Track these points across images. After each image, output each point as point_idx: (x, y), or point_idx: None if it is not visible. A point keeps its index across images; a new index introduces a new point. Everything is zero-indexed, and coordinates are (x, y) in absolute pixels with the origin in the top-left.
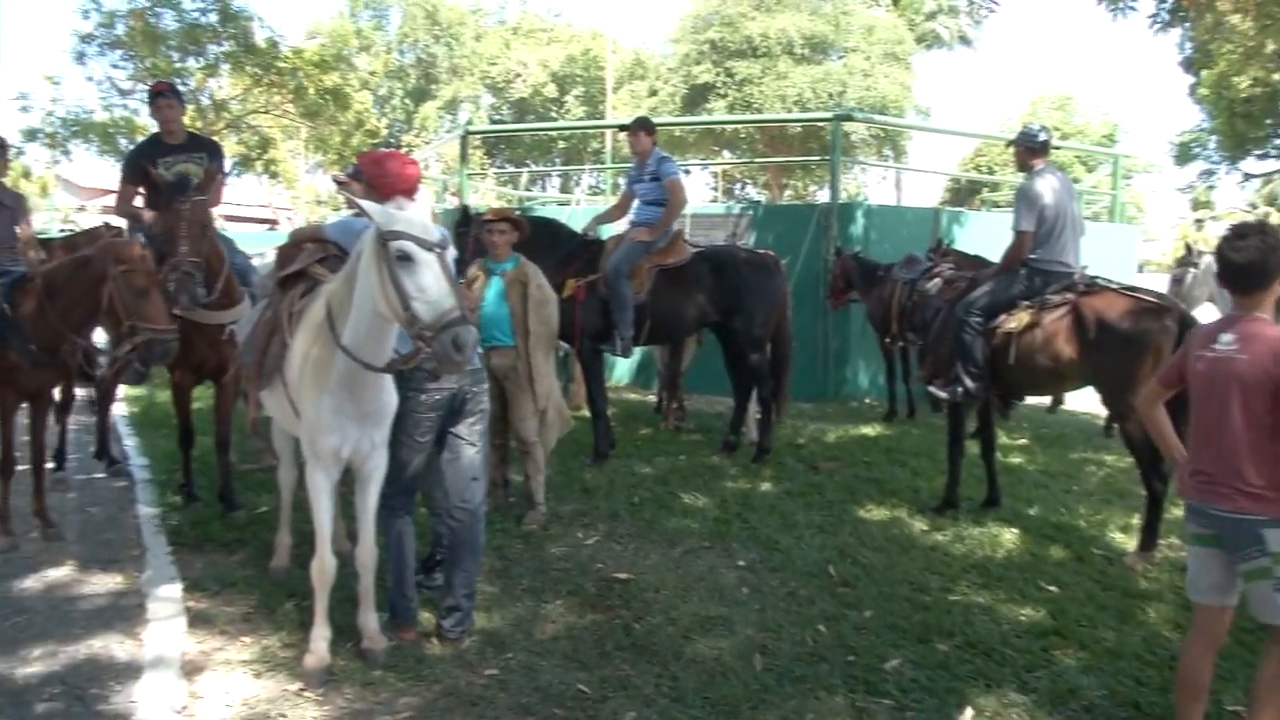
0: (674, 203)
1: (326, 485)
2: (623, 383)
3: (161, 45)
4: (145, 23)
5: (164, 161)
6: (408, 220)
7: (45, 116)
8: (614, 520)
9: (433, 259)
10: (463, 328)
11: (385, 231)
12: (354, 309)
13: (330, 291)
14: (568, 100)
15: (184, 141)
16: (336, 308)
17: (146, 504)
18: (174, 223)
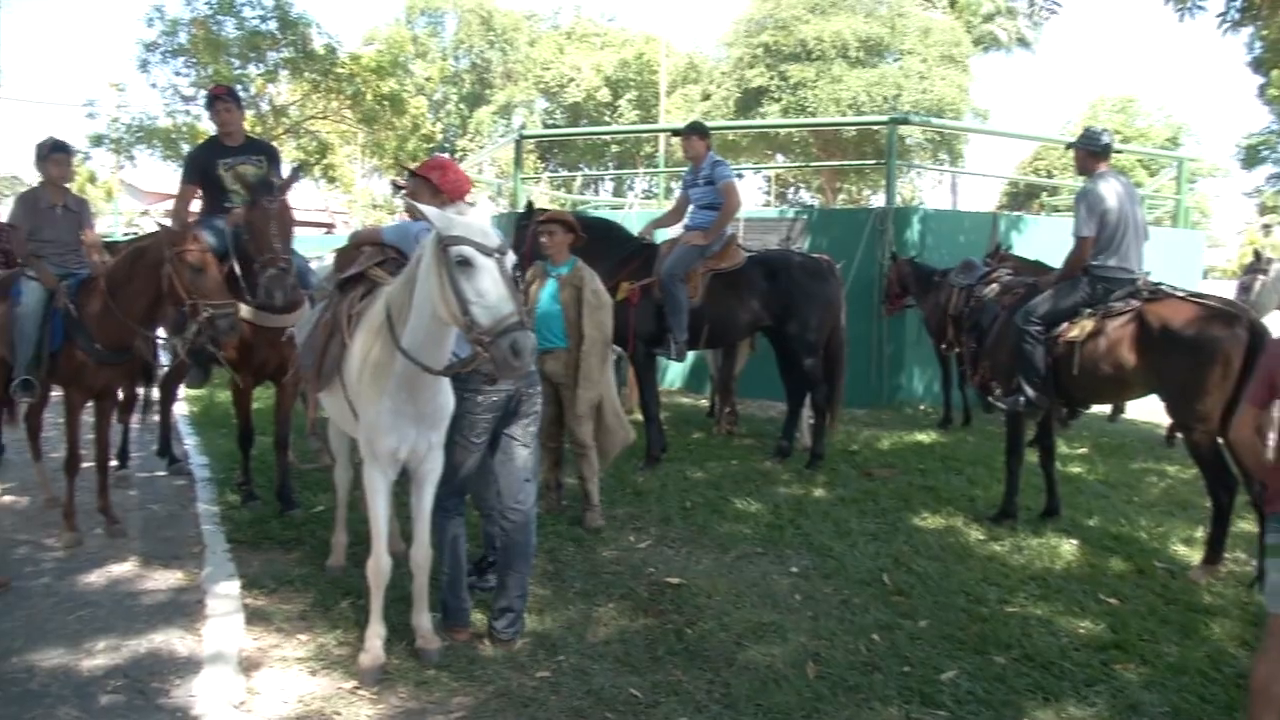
0: (728, 206)
1: (384, 486)
2: (674, 386)
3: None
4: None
5: (223, 163)
6: (467, 225)
7: (111, 123)
8: (666, 524)
9: (492, 264)
10: (521, 333)
11: (445, 236)
12: (413, 312)
13: (390, 294)
14: (621, 104)
15: (242, 144)
16: (396, 311)
17: (206, 502)
18: (264, 221)
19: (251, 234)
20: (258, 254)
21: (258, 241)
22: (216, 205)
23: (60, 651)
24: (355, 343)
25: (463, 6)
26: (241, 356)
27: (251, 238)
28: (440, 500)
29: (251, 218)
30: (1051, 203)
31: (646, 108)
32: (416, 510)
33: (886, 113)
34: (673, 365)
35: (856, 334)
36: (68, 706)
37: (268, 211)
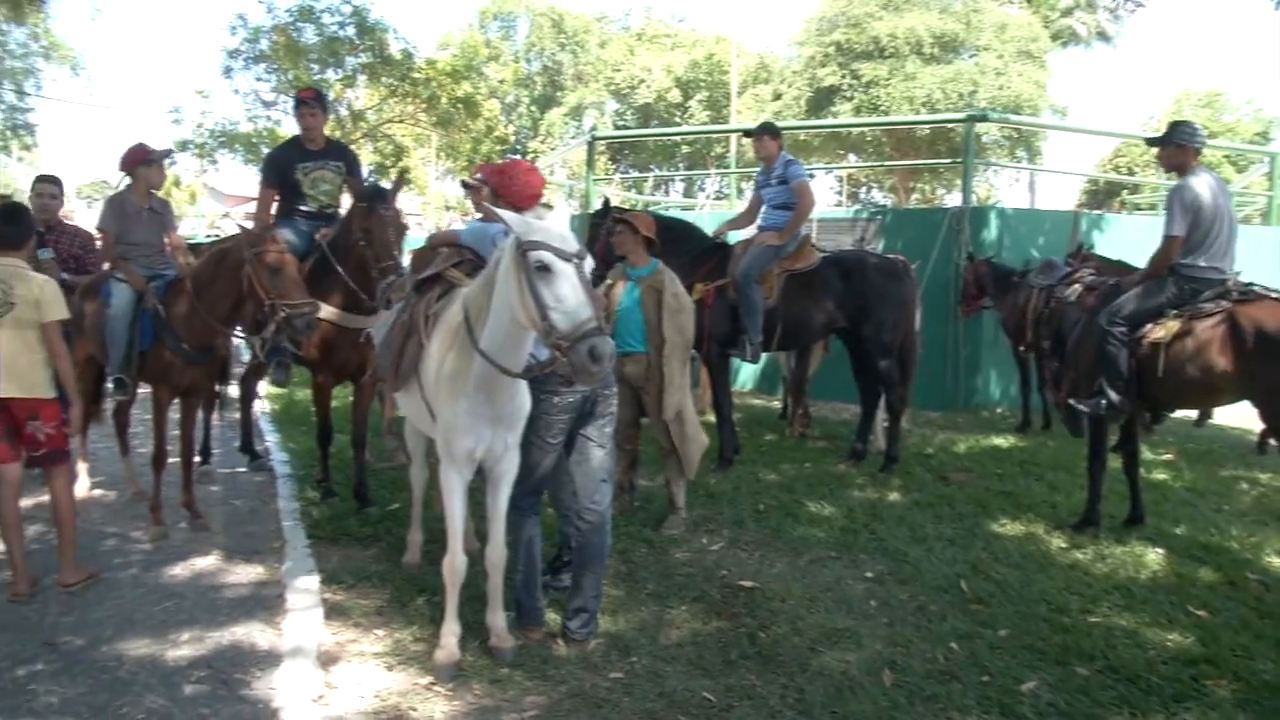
0: (802, 205)
1: (460, 485)
2: (746, 388)
3: (302, 58)
4: (288, 37)
5: (302, 167)
6: (546, 230)
7: (195, 128)
8: (739, 527)
9: (570, 269)
10: (599, 339)
11: (524, 241)
12: (492, 315)
13: (468, 296)
14: (691, 105)
15: (323, 148)
16: (474, 313)
17: (286, 498)
18: (383, 228)
19: (370, 240)
20: (377, 260)
21: (378, 248)
22: (292, 207)
23: (147, 641)
24: (432, 344)
25: (534, 10)
26: (322, 356)
27: (370, 244)
28: (515, 500)
29: (369, 225)
30: (1133, 201)
31: (717, 108)
32: (492, 510)
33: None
34: (745, 366)
35: (932, 336)
36: (154, 695)
37: (384, 219)
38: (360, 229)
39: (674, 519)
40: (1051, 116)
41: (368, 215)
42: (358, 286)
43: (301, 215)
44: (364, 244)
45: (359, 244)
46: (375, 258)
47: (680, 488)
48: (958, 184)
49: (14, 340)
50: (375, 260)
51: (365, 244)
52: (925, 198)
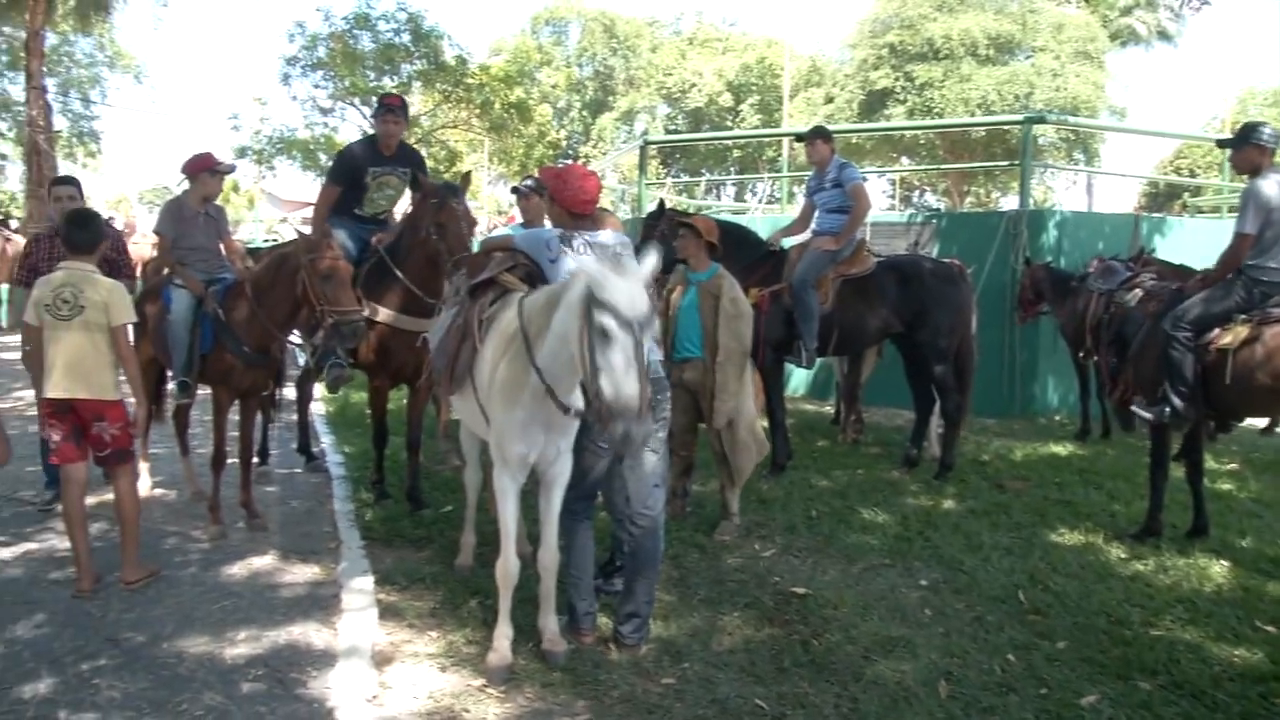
0: (858, 208)
1: (512, 489)
2: (799, 393)
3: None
4: (345, 45)
5: (373, 170)
6: (616, 289)
7: (254, 135)
8: (791, 533)
9: (629, 341)
10: (636, 425)
11: (595, 297)
12: (551, 338)
13: (529, 309)
14: (743, 109)
15: (395, 155)
16: (533, 329)
17: (341, 499)
18: (455, 221)
19: (444, 234)
20: (451, 253)
21: (451, 241)
22: (349, 209)
23: (206, 639)
24: (486, 348)
25: (586, 15)
26: (379, 359)
27: (444, 237)
28: (568, 504)
29: (442, 219)
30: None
31: (768, 112)
32: (545, 514)
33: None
34: (797, 371)
35: (988, 341)
36: (213, 692)
37: (457, 212)
38: (433, 223)
39: (727, 524)
40: (1110, 118)
41: (440, 210)
42: (421, 285)
43: (355, 219)
44: (437, 238)
45: (431, 238)
46: (449, 250)
47: (734, 494)
48: (1013, 187)
49: (84, 343)
50: (449, 253)
51: (438, 238)
52: (979, 201)
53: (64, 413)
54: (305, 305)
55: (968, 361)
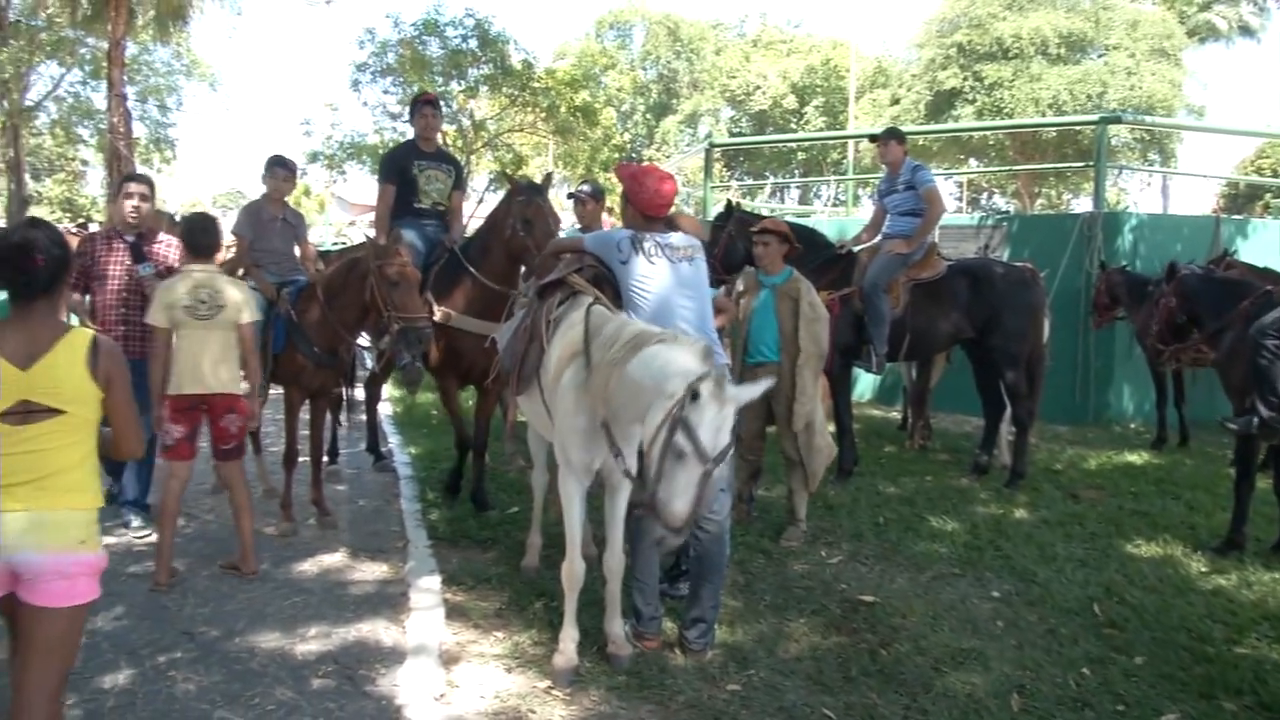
0: (931, 212)
1: (578, 493)
2: (865, 398)
3: (427, 71)
4: (414, 50)
5: (418, 164)
6: (706, 419)
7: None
8: (858, 540)
9: (699, 472)
10: (673, 537)
11: (683, 418)
12: (625, 386)
13: (602, 330)
14: (807, 111)
15: (434, 152)
16: (603, 357)
17: (409, 499)
18: (543, 217)
19: (532, 230)
20: (540, 249)
21: (539, 237)
22: (408, 204)
23: (277, 635)
24: (553, 350)
25: (650, 18)
26: (448, 360)
27: (531, 234)
28: (635, 508)
29: (530, 214)
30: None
31: (833, 114)
32: (610, 517)
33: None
34: (862, 376)
35: (1061, 347)
36: (284, 688)
37: (544, 209)
38: (521, 219)
39: (793, 530)
40: (1187, 117)
41: (528, 206)
42: (499, 282)
43: (416, 213)
44: (524, 234)
45: (519, 234)
46: (537, 246)
47: (802, 499)
48: (1085, 188)
49: (223, 340)
50: (537, 248)
51: (526, 234)
52: (1050, 203)
53: (191, 409)
54: (373, 310)
55: (1039, 367)
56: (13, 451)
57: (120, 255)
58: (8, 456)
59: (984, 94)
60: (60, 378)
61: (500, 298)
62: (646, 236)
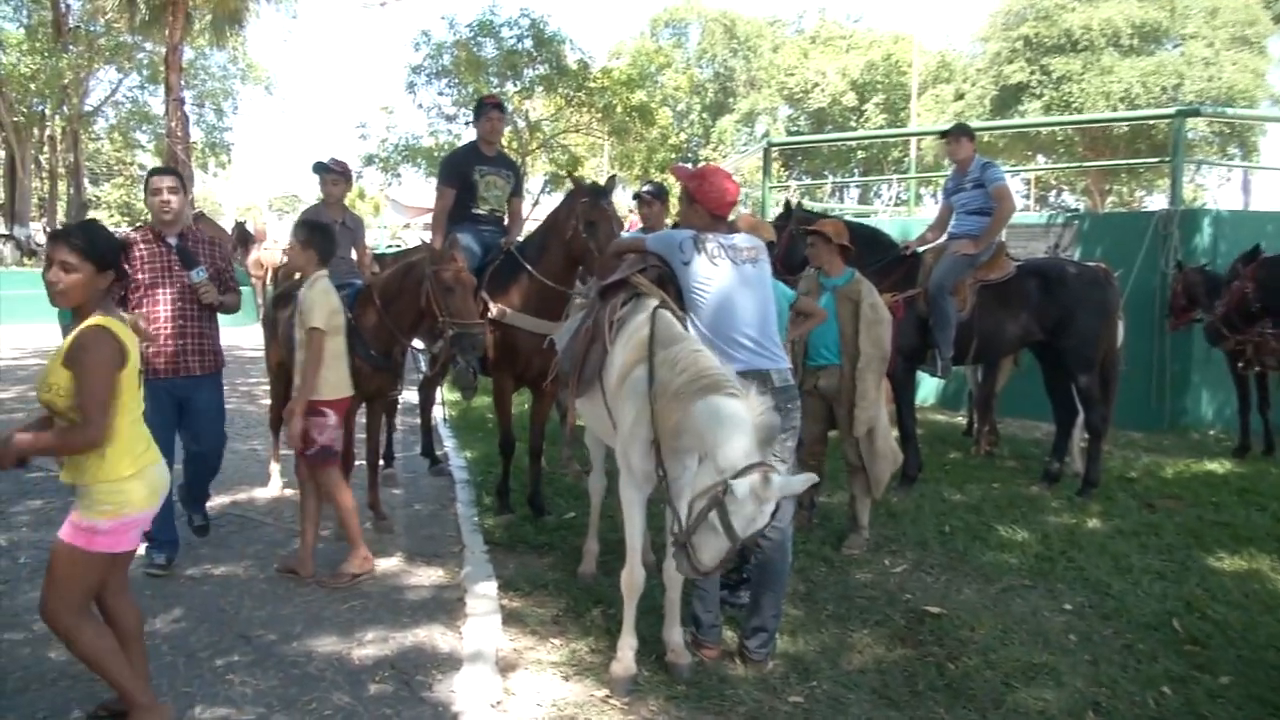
0: (1001, 211)
1: (639, 498)
2: (928, 402)
3: (483, 72)
4: (469, 52)
5: (479, 169)
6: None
7: (380, 143)
8: (923, 549)
9: (726, 544)
10: (693, 575)
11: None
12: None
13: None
14: (867, 108)
15: (495, 156)
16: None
17: (464, 503)
18: (606, 220)
19: (595, 232)
20: (603, 250)
21: (602, 239)
22: (466, 209)
23: (333, 640)
24: (616, 351)
25: (706, 16)
26: (505, 360)
27: (595, 235)
28: None
29: (595, 216)
30: None
31: (894, 111)
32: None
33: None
34: (926, 380)
35: (1135, 350)
36: (340, 692)
37: (608, 211)
38: (584, 221)
39: (855, 538)
40: (1271, 108)
41: (592, 208)
42: (557, 279)
43: (474, 219)
44: (587, 235)
45: (581, 236)
46: (599, 248)
47: (865, 506)
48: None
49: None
50: (599, 250)
51: (588, 235)
52: (1122, 200)
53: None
54: (428, 314)
55: (1112, 371)
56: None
57: (165, 260)
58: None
59: (1052, 88)
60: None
61: (558, 297)
62: (709, 237)
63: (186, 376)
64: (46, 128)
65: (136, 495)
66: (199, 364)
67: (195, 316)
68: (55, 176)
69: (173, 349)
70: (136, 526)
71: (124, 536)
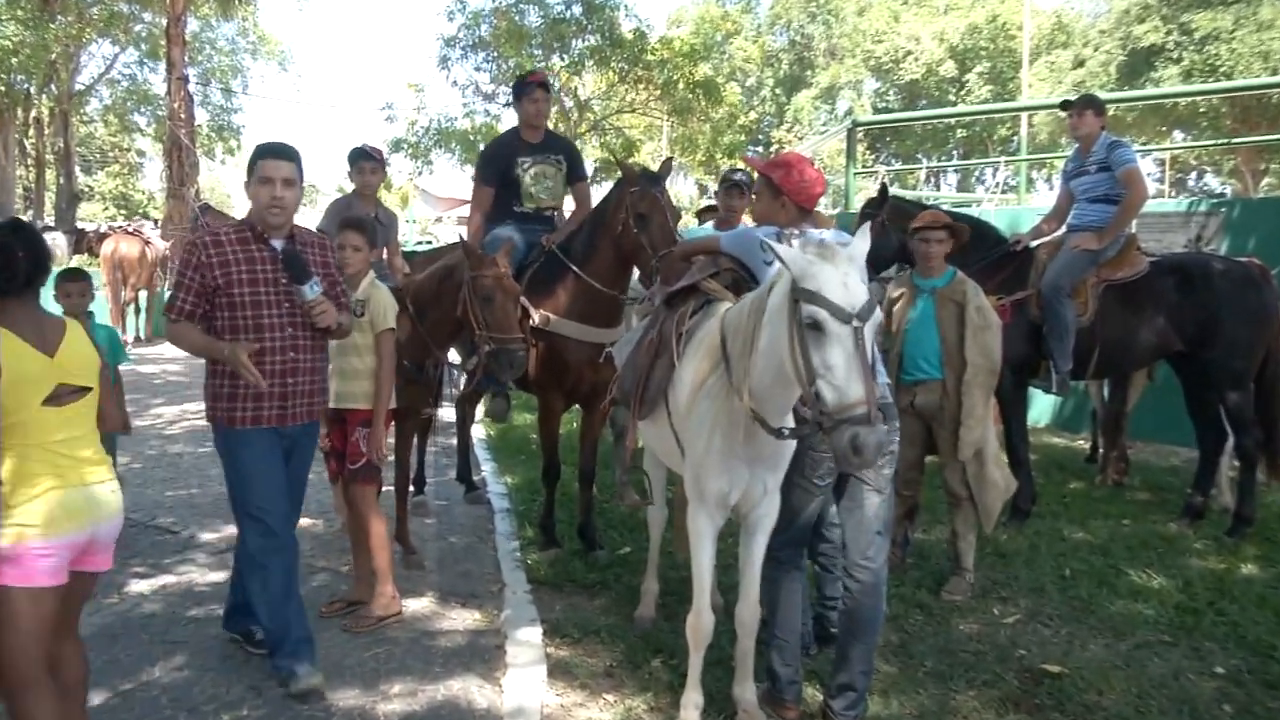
0: (1131, 198)
1: (709, 531)
2: (1041, 422)
3: (525, 44)
4: (509, 21)
5: (521, 162)
6: (826, 279)
7: (409, 126)
8: (1038, 596)
9: (847, 333)
10: (865, 429)
11: (799, 288)
12: (759, 354)
13: (729, 323)
14: (969, 79)
15: (542, 141)
16: (736, 347)
17: (504, 536)
18: (660, 212)
19: (647, 226)
20: (654, 248)
21: (655, 234)
22: (508, 208)
23: (356, 693)
24: (685, 366)
25: None
26: (550, 374)
27: (646, 230)
28: (773, 551)
29: (646, 209)
30: None
31: (1001, 82)
32: (745, 561)
33: None
34: (1039, 397)
35: None
36: None
37: (660, 202)
38: (634, 214)
39: (958, 581)
40: None
41: (642, 198)
42: (608, 286)
43: (519, 218)
44: (638, 231)
45: (631, 231)
46: (652, 245)
47: (969, 544)
48: None
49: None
50: (652, 248)
51: (639, 231)
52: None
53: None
54: (466, 324)
55: (1273, 387)
56: (57, 435)
57: (266, 269)
58: (56, 442)
59: (1193, 50)
60: (82, 357)
61: (609, 301)
62: (795, 233)
63: (294, 425)
64: (32, 109)
65: (35, 518)
66: (307, 408)
67: (307, 345)
68: (42, 164)
69: (281, 388)
70: (50, 556)
71: (33, 567)
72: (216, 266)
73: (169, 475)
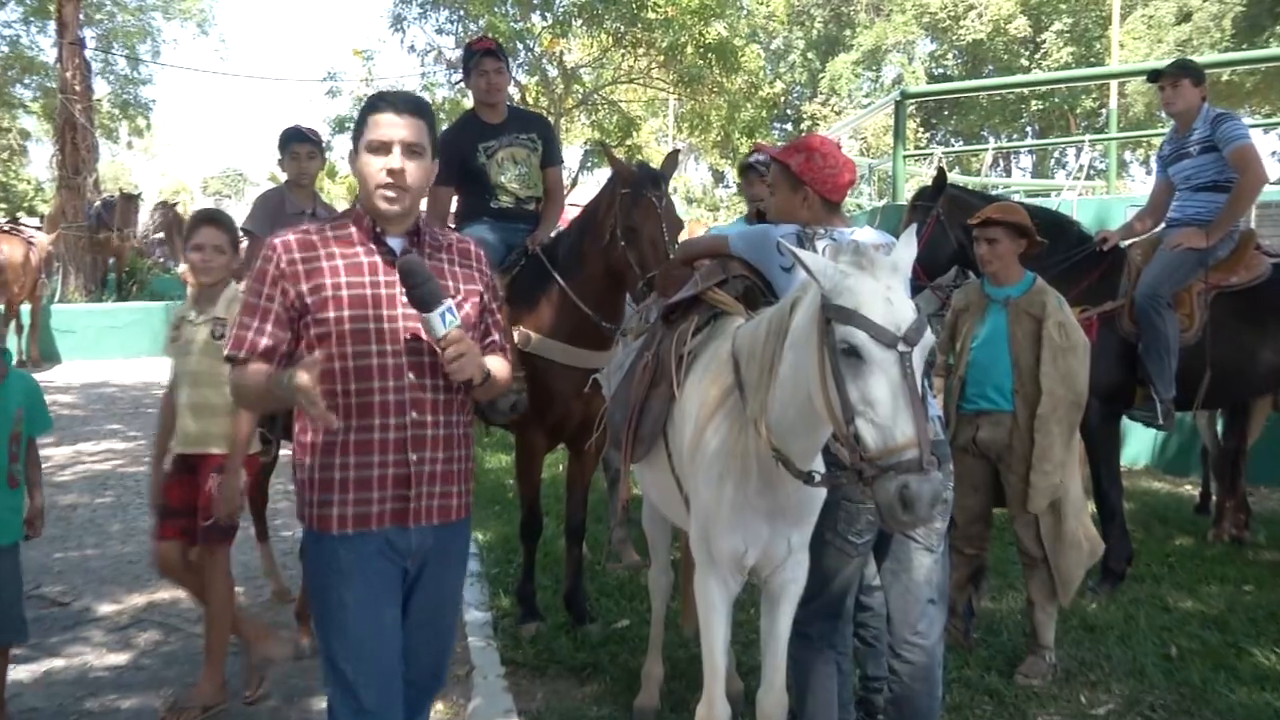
0: (1245, 184)
1: (722, 601)
2: (1138, 464)
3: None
4: None
5: (484, 148)
6: (865, 295)
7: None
8: (1137, 680)
9: (892, 360)
10: (917, 477)
11: (831, 306)
12: (779, 382)
13: (742, 344)
14: (1045, 40)
15: (505, 120)
16: (751, 372)
17: (475, 606)
18: (655, 223)
19: (636, 241)
20: (645, 268)
21: (646, 250)
22: (483, 207)
23: None
24: (688, 397)
25: None
26: (535, 407)
27: (635, 245)
28: (802, 625)
29: (637, 219)
30: None
31: (1086, 43)
32: (767, 638)
33: None
34: (1138, 432)
35: None
36: None
37: (657, 209)
38: (623, 224)
39: (1036, 662)
40: None
41: (634, 204)
42: (595, 306)
43: (497, 215)
44: (625, 244)
45: (618, 245)
46: (641, 264)
47: (1049, 616)
48: None
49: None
50: (641, 268)
51: (627, 245)
52: None
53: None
54: None
55: None
56: None
57: (378, 282)
58: None
59: None
60: None
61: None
62: (820, 232)
63: (418, 525)
64: None
65: None
66: (440, 501)
67: (439, 402)
68: None
69: (399, 469)
70: None
71: None
72: (304, 277)
73: (58, 533)
